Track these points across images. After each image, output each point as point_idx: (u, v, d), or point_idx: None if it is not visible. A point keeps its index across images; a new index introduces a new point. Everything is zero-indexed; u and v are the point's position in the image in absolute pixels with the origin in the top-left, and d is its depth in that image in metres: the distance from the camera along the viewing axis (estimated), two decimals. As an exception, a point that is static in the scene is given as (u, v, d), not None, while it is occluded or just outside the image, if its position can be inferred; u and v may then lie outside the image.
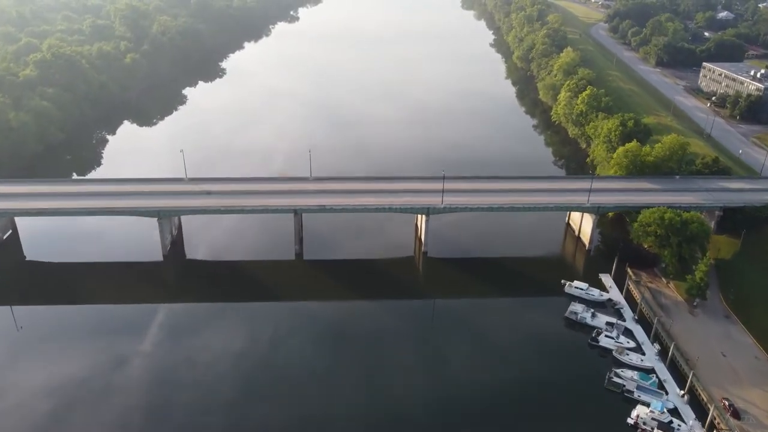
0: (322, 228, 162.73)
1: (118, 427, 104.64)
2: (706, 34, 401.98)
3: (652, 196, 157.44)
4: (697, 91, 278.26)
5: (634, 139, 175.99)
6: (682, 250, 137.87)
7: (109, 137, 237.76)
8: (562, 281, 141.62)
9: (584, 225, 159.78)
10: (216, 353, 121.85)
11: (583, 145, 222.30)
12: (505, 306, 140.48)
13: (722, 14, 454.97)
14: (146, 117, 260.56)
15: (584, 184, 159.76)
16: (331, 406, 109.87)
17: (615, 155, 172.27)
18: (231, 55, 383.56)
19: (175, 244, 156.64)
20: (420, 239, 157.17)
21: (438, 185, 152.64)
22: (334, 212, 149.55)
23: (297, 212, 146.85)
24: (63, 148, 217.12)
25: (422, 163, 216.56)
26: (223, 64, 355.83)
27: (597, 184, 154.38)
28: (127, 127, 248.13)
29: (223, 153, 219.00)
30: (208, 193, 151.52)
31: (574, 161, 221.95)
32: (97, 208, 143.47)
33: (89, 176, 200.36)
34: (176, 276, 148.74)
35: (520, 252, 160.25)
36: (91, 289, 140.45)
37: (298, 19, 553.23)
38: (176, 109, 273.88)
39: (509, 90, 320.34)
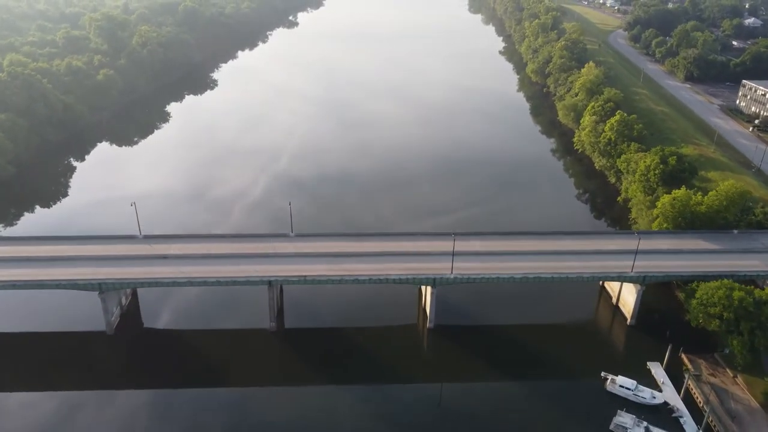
0: (305, 296, 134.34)
1: None
2: (735, 43, 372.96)
3: (708, 259, 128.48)
4: (735, 112, 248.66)
5: (683, 186, 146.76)
6: (756, 339, 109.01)
7: (71, 167, 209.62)
8: (602, 374, 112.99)
9: (624, 293, 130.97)
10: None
11: (612, 180, 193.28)
12: (528, 402, 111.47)
13: (749, 21, 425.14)
14: (116, 142, 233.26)
15: (624, 243, 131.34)
16: None
17: (660, 205, 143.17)
18: (223, 65, 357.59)
19: (127, 316, 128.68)
20: (424, 311, 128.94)
21: (446, 244, 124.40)
22: (318, 284, 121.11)
23: (272, 284, 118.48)
24: (16, 182, 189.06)
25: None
26: (212, 77, 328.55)
27: (640, 243, 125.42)
28: (93, 155, 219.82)
29: (197, 187, 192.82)
30: (164, 257, 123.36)
31: (602, 197, 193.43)
32: (23, 281, 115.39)
33: (34, 218, 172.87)
34: (124, 356, 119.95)
35: (545, 325, 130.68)
36: (14, 369, 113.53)
37: (297, 24, 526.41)
38: (153, 131, 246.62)
39: (522, 106, 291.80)
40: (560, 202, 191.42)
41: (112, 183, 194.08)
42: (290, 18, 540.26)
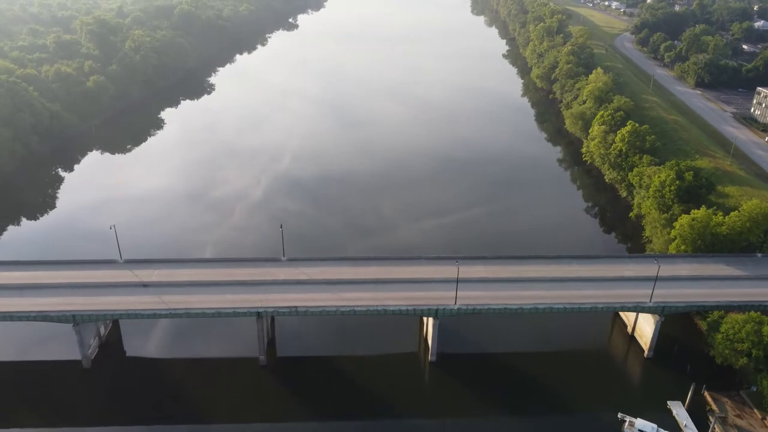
0: (298, 324, 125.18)
1: None
2: (745, 47, 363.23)
3: (732, 286, 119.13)
4: (749, 120, 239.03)
5: (700, 203, 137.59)
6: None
7: (59, 178, 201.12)
8: (619, 416, 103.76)
9: (641, 323, 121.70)
10: None
11: (624, 194, 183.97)
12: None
13: (759, 23, 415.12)
14: (106, 151, 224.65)
15: (641, 269, 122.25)
16: None
17: (678, 225, 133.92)
18: (220, 69, 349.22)
19: (107, 346, 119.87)
20: (426, 341, 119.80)
21: (449, 270, 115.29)
22: (311, 315, 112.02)
23: (261, 315, 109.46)
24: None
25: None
26: (208, 82, 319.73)
27: (657, 268, 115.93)
28: (83, 165, 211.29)
29: (191, 195, 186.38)
30: (145, 285, 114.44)
31: (612, 211, 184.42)
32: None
33: (16, 234, 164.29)
34: (102, 390, 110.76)
35: (554, 355, 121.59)
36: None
37: (297, 26, 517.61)
38: (145, 138, 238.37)
39: (527, 112, 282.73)
40: (568, 216, 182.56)
41: (100, 194, 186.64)
42: (290, 20, 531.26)
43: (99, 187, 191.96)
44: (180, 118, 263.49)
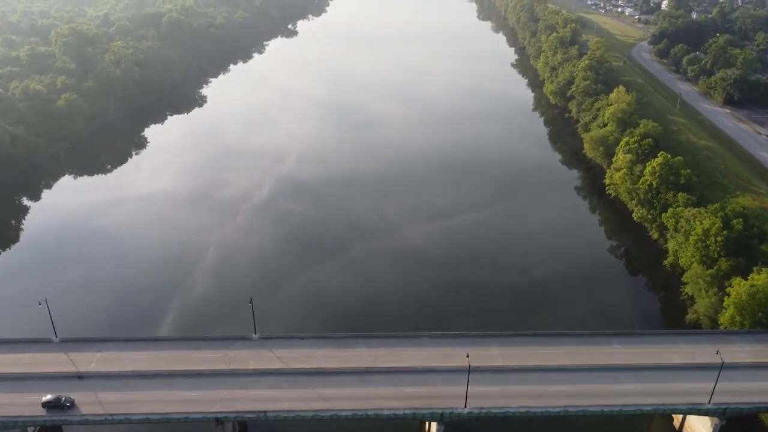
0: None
1: None
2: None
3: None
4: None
5: (763, 270, 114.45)
6: None
7: (22, 208, 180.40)
8: None
9: (693, 421, 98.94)
10: None
11: (655, 236, 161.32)
12: None
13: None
14: (78, 176, 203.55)
15: (693, 351, 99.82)
16: None
17: (733, 294, 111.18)
18: (213, 80, 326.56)
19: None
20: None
21: (458, 354, 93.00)
22: (284, 420, 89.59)
23: (221, 421, 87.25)
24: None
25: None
26: (197, 96, 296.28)
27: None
28: (53, 193, 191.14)
29: (170, 227, 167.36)
30: (80, 376, 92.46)
31: (641, 256, 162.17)
32: None
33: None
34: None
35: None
36: None
37: (296, 33, 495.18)
38: (124, 160, 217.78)
39: (540, 133, 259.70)
40: (590, 258, 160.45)
41: (61, 229, 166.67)
42: (289, 26, 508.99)
43: (61, 220, 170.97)
44: (162, 138, 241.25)
